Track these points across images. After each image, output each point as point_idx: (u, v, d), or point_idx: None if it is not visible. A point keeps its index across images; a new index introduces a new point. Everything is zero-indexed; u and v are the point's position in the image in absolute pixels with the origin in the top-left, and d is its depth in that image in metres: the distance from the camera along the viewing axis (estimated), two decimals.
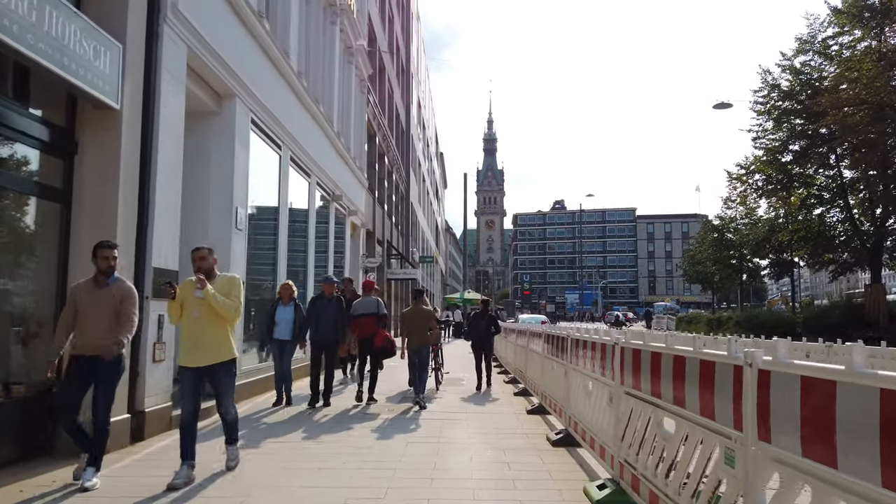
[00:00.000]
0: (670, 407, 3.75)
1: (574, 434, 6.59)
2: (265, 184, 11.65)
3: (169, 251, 7.35)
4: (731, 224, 41.02)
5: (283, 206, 12.19)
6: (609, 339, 5.24)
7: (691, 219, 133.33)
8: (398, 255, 32.13)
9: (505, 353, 15.88)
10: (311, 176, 14.33)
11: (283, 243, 12.17)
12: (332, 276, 11.04)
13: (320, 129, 15.12)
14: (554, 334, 8.42)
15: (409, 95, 40.96)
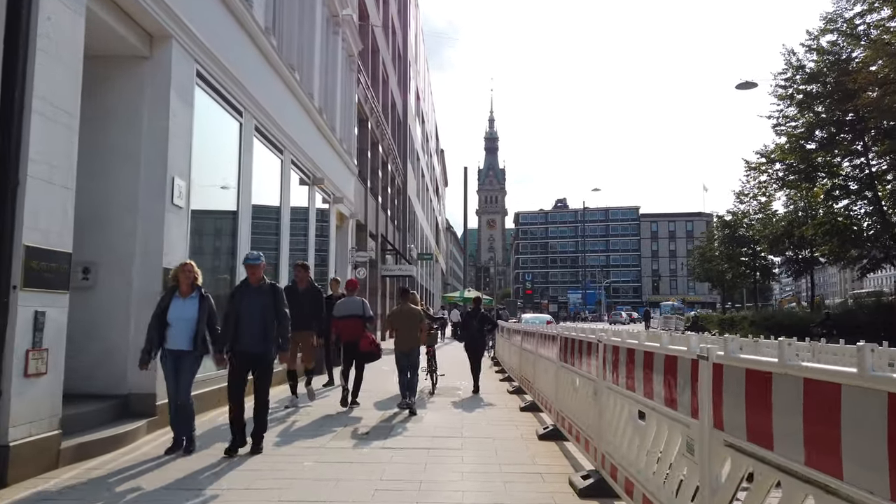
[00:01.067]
0: None
1: (613, 484, 4.64)
2: (220, 155, 9.73)
3: (54, 224, 5.40)
4: (744, 219, 39.04)
5: (246, 184, 10.26)
6: (687, 351, 3.40)
7: (696, 217, 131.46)
8: (393, 250, 30.19)
9: (509, 357, 13.94)
10: (283, 153, 12.40)
11: (244, 229, 10.24)
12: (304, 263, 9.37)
13: (296, 101, 13.18)
14: (572, 337, 6.49)
15: (407, 83, 39.04)
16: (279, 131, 11.88)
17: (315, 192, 14.98)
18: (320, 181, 14.80)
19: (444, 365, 15.26)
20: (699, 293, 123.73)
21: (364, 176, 23.97)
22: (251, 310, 6.29)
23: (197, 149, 8.37)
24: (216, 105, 9.19)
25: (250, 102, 10.23)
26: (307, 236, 14.58)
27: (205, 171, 8.97)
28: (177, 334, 6.07)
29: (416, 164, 46.27)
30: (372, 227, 25.18)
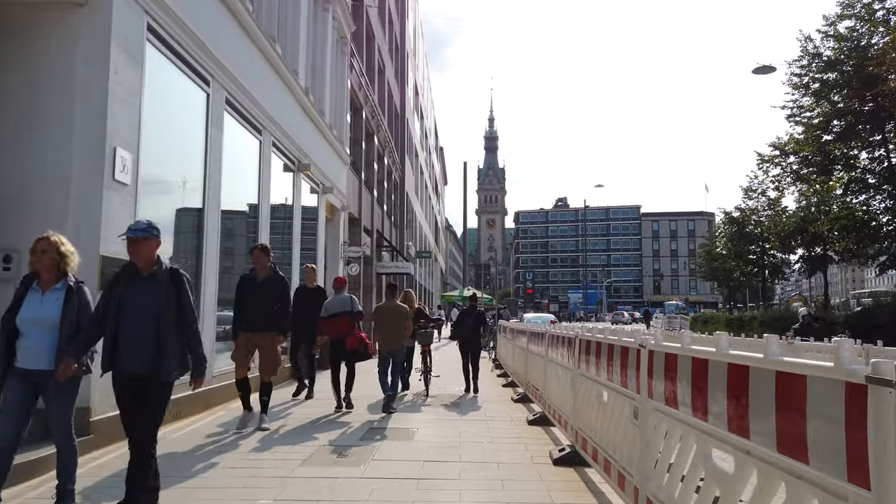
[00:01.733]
0: None
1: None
2: (182, 128, 8.46)
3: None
4: (752, 216, 37.80)
5: (214, 164, 9.00)
6: None
7: (697, 217, 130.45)
8: (390, 247, 28.91)
9: (512, 360, 12.68)
10: (262, 133, 11.13)
11: (213, 215, 8.97)
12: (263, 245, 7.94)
13: (278, 77, 11.92)
14: (596, 340, 5.25)
15: (405, 76, 37.77)
16: (257, 108, 10.63)
17: (301, 179, 13.72)
18: (306, 168, 13.54)
19: (441, 366, 13.91)
20: (701, 293, 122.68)
21: (358, 167, 22.71)
22: (137, 310, 4.04)
23: (150, 117, 7.12)
24: (175, 70, 7.92)
25: (220, 71, 8.97)
26: (291, 228, 13.32)
27: (162, 145, 7.71)
28: (29, 349, 4.04)
29: (414, 161, 45.02)
30: (367, 221, 23.92)
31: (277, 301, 7.39)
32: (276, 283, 7.42)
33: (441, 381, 11.98)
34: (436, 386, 11.21)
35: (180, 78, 8.09)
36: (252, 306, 7.21)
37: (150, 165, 7.26)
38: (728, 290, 45.36)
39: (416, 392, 11.01)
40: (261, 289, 7.31)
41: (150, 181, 7.34)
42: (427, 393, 10.50)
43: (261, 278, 7.37)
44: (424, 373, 10.69)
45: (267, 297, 7.32)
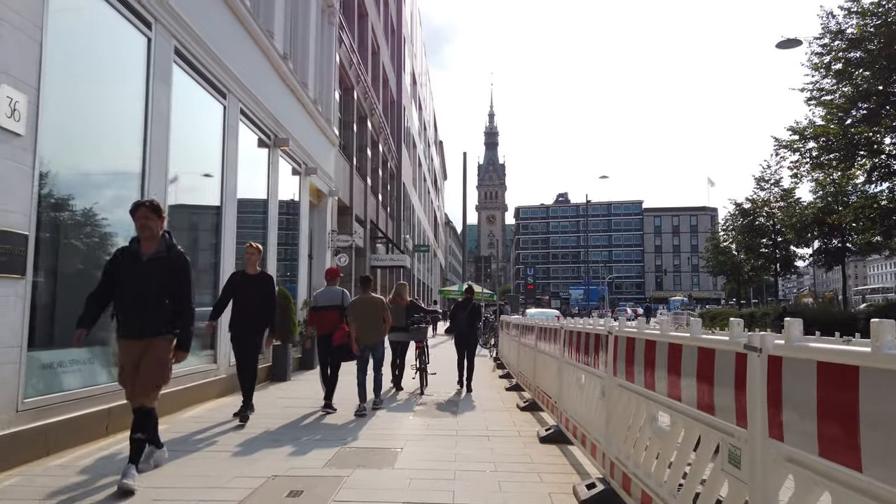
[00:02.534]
0: None
1: None
2: (113, 75, 6.90)
3: None
4: (765, 207, 36.20)
5: (159, 126, 7.43)
6: None
7: (700, 212, 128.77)
8: (385, 238, 27.37)
9: (517, 360, 11.13)
10: (227, 97, 9.57)
11: (157, 183, 7.40)
12: None
13: (247, 33, 10.37)
14: (654, 339, 3.76)
15: (401, 61, 36.19)
16: (219, 67, 9.07)
17: (278, 156, 12.17)
18: (284, 143, 11.98)
19: (438, 364, 13.05)
20: (703, 289, 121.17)
21: (349, 152, 21.18)
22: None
23: (59, 53, 5.57)
24: (99, 1, 6.37)
25: (165, 13, 7.41)
26: (266, 210, 11.77)
27: (79, 91, 6.16)
28: None
29: (411, 151, 43.49)
30: (359, 210, 22.38)
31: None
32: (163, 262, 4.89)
33: (437, 379, 11.28)
34: (431, 384, 10.61)
35: (108, 12, 6.53)
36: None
37: (60, 116, 5.71)
38: (736, 286, 43.71)
39: (411, 391, 10.24)
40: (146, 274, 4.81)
41: (61, 136, 5.78)
42: (422, 391, 9.99)
43: (146, 257, 4.83)
44: (420, 370, 10.17)
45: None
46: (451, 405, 8.96)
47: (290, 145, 12.40)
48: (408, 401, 9.32)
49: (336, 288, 8.84)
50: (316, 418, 7.74)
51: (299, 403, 8.80)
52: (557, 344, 6.71)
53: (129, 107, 7.07)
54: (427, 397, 9.62)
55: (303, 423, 7.35)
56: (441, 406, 8.92)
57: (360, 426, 7.18)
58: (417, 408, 8.58)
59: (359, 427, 7.12)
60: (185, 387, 8.01)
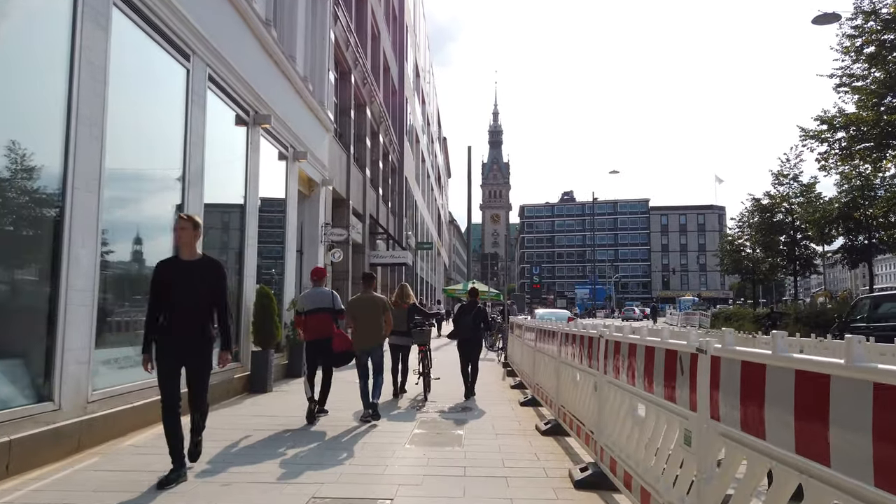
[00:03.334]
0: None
1: None
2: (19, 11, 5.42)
3: None
4: (783, 203, 34.57)
5: (90, 80, 5.93)
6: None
7: (707, 210, 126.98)
8: (385, 234, 25.87)
9: (532, 369, 9.57)
10: (190, 58, 8.08)
11: (78, 148, 5.90)
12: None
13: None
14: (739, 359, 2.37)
15: (403, 50, 34.69)
16: (179, 21, 7.57)
17: (258, 135, 10.68)
18: (264, 120, 10.50)
19: (442, 369, 12.31)
20: (711, 288, 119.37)
21: (346, 141, 19.69)
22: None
23: None
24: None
25: None
26: (245, 198, 10.29)
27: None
28: None
29: (414, 146, 42.02)
30: (356, 203, 20.90)
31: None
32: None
33: (442, 385, 10.57)
34: (435, 391, 9.94)
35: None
36: None
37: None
38: (750, 285, 42.10)
39: (412, 397, 9.65)
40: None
41: None
42: (426, 398, 9.42)
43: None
44: (423, 375, 9.63)
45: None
46: (456, 423, 7.54)
47: (273, 124, 10.93)
48: (409, 410, 8.57)
49: (324, 289, 8.27)
50: (290, 444, 6.28)
51: (274, 424, 7.34)
52: (594, 360, 5.27)
53: (47, 51, 5.58)
54: (431, 404, 9.00)
55: (272, 452, 5.88)
56: (445, 420, 7.69)
57: (346, 451, 5.71)
58: (417, 431, 7.12)
59: (345, 451, 5.65)
60: (127, 407, 6.54)
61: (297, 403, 8.88)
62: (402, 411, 8.49)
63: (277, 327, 10.36)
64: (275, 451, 5.98)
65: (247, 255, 10.18)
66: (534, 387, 9.29)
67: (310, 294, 8.17)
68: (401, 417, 8.02)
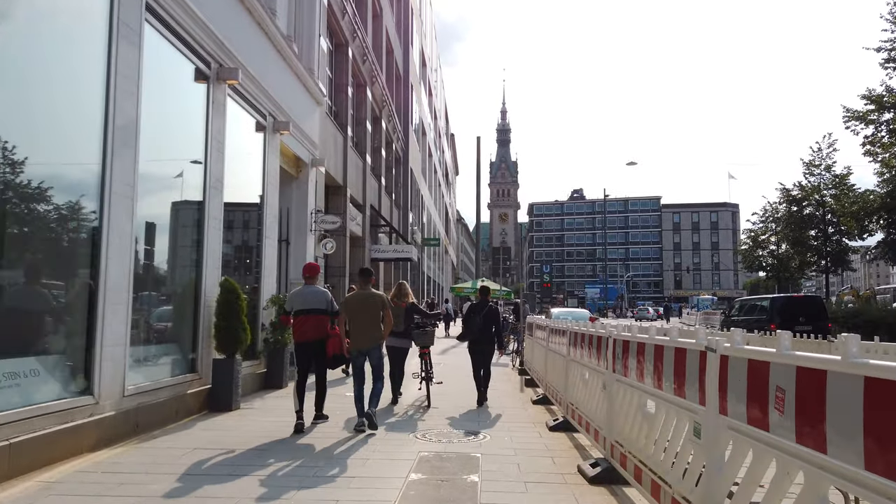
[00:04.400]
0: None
1: None
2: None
3: None
4: (814, 194, 32.31)
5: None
6: None
7: (721, 208, 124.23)
8: (388, 227, 23.89)
9: (556, 379, 7.48)
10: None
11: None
12: None
13: None
14: None
15: (409, 35, 32.74)
16: None
17: (224, 94, 8.71)
18: (231, 75, 8.53)
19: (446, 372, 11.58)
20: (725, 287, 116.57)
21: (342, 120, 17.74)
22: None
23: None
24: None
25: None
26: (206, 170, 8.32)
27: None
28: None
29: (421, 139, 40.07)
30: (355, 191, 18.93)
31: None
32: None
33: (447, 392, 9.72)
34: (441, 397, 9.17)
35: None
36: None
37: None
38: (777, 283, 39.82)
39: (414, 402, 8.94)
40: None
41: None
42: (429, 404, 8.72)
43: None
44: (425, 379, 8.94)
45: None
46: (466, 443, 5.66)
47: (243, 81, 8.96)
48: (409, 419, 7.78)
49: (319, 288, 7.62)
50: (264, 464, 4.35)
51: (223, 459, 5.38)
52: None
53: None
54: (433, 411, 8.28)
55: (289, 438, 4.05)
56: (451, 440, 6.30)
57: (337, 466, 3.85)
58: (422, 420, 6.64)
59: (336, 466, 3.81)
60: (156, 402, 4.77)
61: (262, 428, 6.94)
62: (402, 419, 7.75)
63: (246, 329, 8.39)
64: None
65: (208, 238, 8.22)
66: (556, 395, 7.38)
67: (301, 292, 7.48)
68: (401, 426, 7.26)
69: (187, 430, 6.83)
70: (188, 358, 7.98)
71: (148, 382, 6.85)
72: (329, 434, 6.77)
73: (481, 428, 7.14)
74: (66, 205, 5.86)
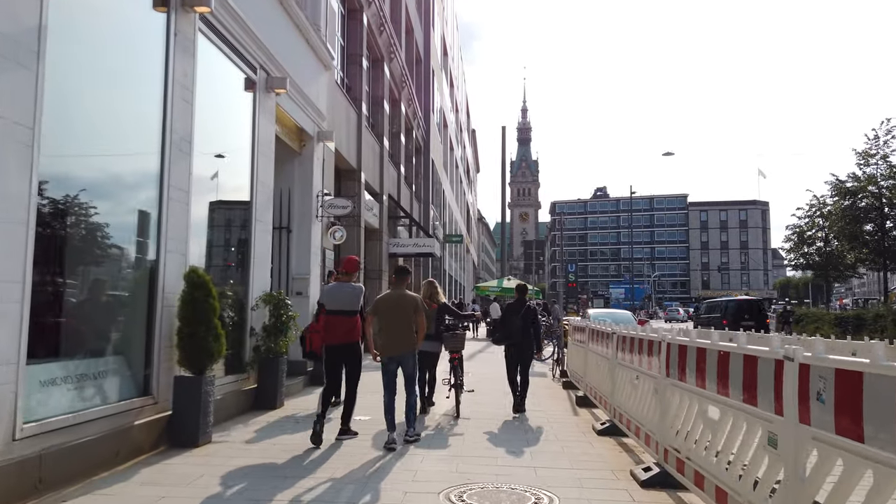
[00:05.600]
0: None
1: None
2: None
3: None
4: (869, 185, 29.62)
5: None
6: None
7: (750, 206, 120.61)
8: (407, 218, 21.77)
9: (639, 407, 5.31)
10: None
11: None
12: None
13: None
14: None
15: (429, 16, 30.62)
16: None
17: (193, 30, 6.63)
18: (202, 1, 6.45)
19: (476, 378, 10.82)
20: (754, 287, 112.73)
21: (356, 95, 15.67)
22: None
23: None
24: None
25: None
26: (166, 122, 6.22)
27: None
28: None
29: (443, 131, 37.96)
30: (371, 178, 16.86)
31: None
32: None
33: (478, 400, 8.95)
34: (470, 406, 8.40)
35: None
36: None
37: None
38: (826, 283, 37.13)
39: (446, 412, 8.22)
40: None
41: None
42: (458, 413, 7.99)
43: None
44: (454, 387, 8.22)
45: None
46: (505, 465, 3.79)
47: (217, 9, 6.87)
48: (438, 433, 7.10)
49: (351, 285, 6.97)
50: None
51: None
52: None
53: None
54: (464, 422, 7.65)
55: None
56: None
57: None
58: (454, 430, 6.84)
59: None
60: None
61: (237, 474, 4.86)
62: (431, 433, 7.06)
63: (219, 336, 6.28)
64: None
65: (167, 213, 6.14)
66: (612, 406, 5.13)
67: (331, 289, 6.98)
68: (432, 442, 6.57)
69: (122, 484, 4.75)
70: (138, 376, 5.90)
71: (64, 415, 4.77)
72: (350, 452, 5.74)
73: None
74: None
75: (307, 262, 10.88)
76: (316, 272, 11.20)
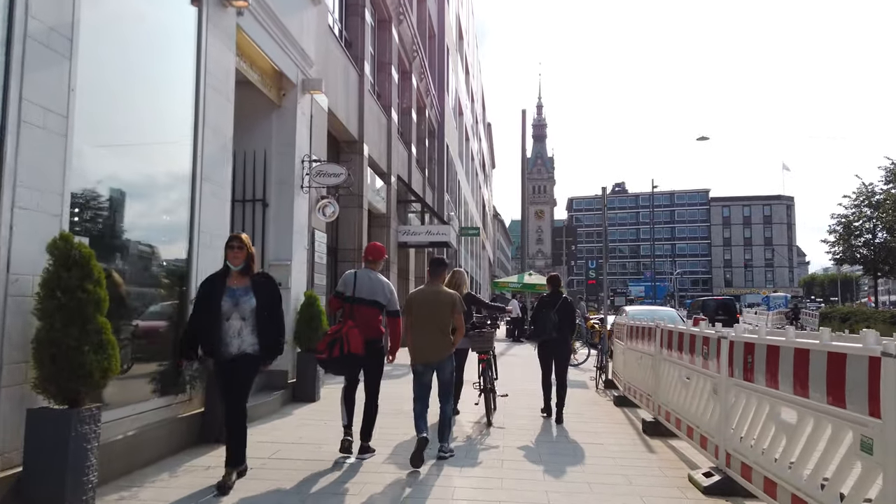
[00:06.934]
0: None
1: None
2: None
3: None
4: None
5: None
6: None
7: (774, 201, 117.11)
8: (420, 204, 19.36)
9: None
10: None
11: None
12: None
13: None
14: None
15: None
16: None
17: None
18: None
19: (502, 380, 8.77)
20: (780, 284, 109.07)
21: (357, 54, 13.29)
22: None
23: None
24: None
25: None
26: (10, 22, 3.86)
27: None
28: None
29: (458, 118, 35.57)
30: (377, 153, 14.48)
31: None
32: None
33: (508, 407, 8.02)
34: (501, 412, 7.68)
35: None
36: None
37: None
38: (874, 276, 34.24)
39: (474, 420, 7.43)
40: None
41: None
42: (490, 422, 7.24)
43: None
44: (485, 392, 7.38)
45: None
46: None
47: None
48: (470, 445, 6.20)
49: (380, 277, 5.88)
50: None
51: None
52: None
53: None
54: (497, 433, 6.73)
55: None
56: None
57: None
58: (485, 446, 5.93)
59: None
60: None
61: None
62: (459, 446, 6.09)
63: (107, 344, 3.91)
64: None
65: (18, 152, 3.77)
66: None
67: (355, 276, 5.80)
68: None
69: None
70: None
71: None
72: None
73: None
74: None
75: (288, 245, 8.52)
76: (301, 257, 8.85)
